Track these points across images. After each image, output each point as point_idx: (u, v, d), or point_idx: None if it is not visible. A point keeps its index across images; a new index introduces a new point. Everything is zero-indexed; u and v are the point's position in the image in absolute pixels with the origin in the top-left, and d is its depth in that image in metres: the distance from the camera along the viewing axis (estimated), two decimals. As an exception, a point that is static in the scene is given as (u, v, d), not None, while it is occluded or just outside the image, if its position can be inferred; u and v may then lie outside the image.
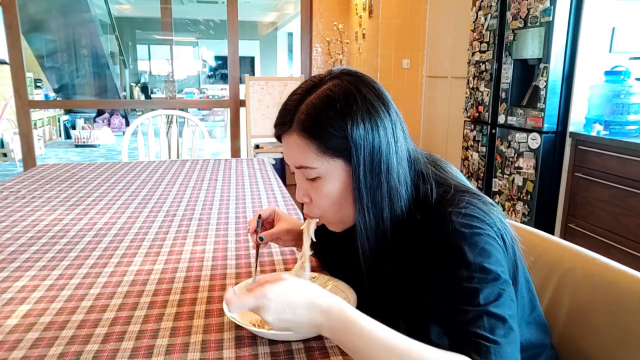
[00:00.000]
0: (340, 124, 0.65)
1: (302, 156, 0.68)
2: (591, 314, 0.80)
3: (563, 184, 2.48)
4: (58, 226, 1.25)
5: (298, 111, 0.67)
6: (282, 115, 0.70)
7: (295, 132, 0.68)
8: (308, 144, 0.67)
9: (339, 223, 0.74)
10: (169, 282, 0.91)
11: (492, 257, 0.61)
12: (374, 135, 0.66)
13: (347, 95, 0.66)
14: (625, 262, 0.78)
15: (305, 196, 0.72)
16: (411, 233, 0.68)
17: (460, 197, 0.65)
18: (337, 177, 0.68)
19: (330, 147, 0.66)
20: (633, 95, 2.25)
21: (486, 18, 2.84)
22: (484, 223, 0.63)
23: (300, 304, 0.59)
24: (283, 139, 0.71)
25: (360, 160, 0.65)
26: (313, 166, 0.67)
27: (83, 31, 8.13)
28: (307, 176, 0.69)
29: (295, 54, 11.09)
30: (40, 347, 0.69)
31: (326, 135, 0.65)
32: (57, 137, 8.49)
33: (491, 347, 0.56)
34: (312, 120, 0.66)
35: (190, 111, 6.19)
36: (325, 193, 0.69)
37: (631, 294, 0.73)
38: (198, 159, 2.25)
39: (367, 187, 0.66)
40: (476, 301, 0.58)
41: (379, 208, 0.67)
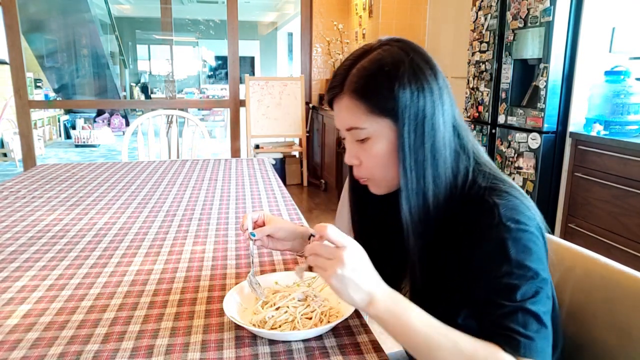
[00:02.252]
0: (388, 85, 0.68)
1: (353, 117, 0.71)
2: (591, 313, 0.80)
3: (563, 184, 2.48)
4: (58, 226, 1.25)
5: (349, 75, 0.71)
6: (333, 80, 0.73)
7: (346, 94, 0.71)
8: (358, 105, 0.70)
9: (384, 184, 0.75)
10: (169, 282, 0.91)
11: (534, 254, 0.63)
12: (420, 97, 0.68)
13: (396, 58, 0.69)
14: (625, 262, 0.78)
15: (354, 158, 0.74)
16: (452, 210, 0.69)
17: (503, 187, 0.67)
18: (385, 136, 0.70)
19: (379, 107, 0.69)
20: (633, 95, 2.25)
21: (486, 18, 2.84)
22: (527, 218, 0.64)
23: (371, 271, 0.64)
24: (335, 104, 0.74)
25: (405, 119, 0.68)
26: (363, 126, 0.70)
27: (83, 31, 8.13)
28: (356, 137, 0.72)
29: (295, 54, 11.08)
30: (40, 347, 0.69)
31: (375, 96, 0.68)
32: (57, 137, 8.49)
33: (522, 340, 0.59)
34: (362, 81, 0.69)
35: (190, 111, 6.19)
36: (374, 153, 0.71)
37: (631, 294, 0.73)
38: (198, 159, 2.25)
39: (410, 147, 0.68)
40: (513, 297, 0.61)
41: (422, 168, 0.69)
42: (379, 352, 0.68)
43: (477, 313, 0.65)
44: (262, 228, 0.90)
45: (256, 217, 0.92)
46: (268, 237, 0.90)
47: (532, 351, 0.59)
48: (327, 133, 4.65)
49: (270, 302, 0.79)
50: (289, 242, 0.92)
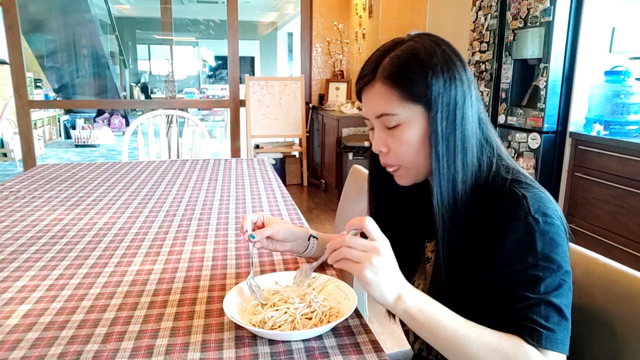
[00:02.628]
0: (422, 73, 0.70)
1: (385, 103, 0.72)
2: (590, 313, 0.79)
3: (563, 184, 2.48)
4: (58, 226, 1.25)
5: (382, 63, 0.72)
6: (364, 69, 0.75)
7: (379, 81, 0.72)
8: (391, 91, 0.71)
9: (413, 173, 0.76)
10: (169, 282, 0.91)
11: (559, 247, 0.64)
12: (451, 86, 0.71)
13: (429, 49, 0.71)
14: (625, 262, 0.78)
15: (383, 146, 0.75)
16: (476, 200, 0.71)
17: (526, 180, 0.69)
18: (417, 123, 0.72)
19: (412, 94, 0.70)
20: (633, 95, 2.25)
21: (486, 18, 2.84)
22: (552, 211, 0.66)
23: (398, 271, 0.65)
24: (364, 93, 0.76)
25: (438, 106, 0.70)
26: (395, 112, 0.72)
27: (83, 31, 8.13)
28: (387, 124, 0.73)
29: (295, 54, 11.07)
30: (40, 347, 0.69)
31: (409, 82, 0.70)
32: (57, 137, 8.49)
33: (544, 332, 0.61)
34: (396, 68, 0.71)
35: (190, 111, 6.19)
36: (405, 139, 0.72)
37: (631, 294, 0.73)
38: (198, 159, 2.25)
39: (442, 133, 0.70)
40: (537, 289, 0.62)
41: (452, 154, 0.71)
42: (379, 352, 0.68)
43: (499, 303, 0.66)
44: (262, 230, 0.90)
45: (255, 218, 0.92)
46: (268, 238, 0.91)
47: (553, 343, 0.61)
48: (327, 133, 4.65)
49: (270, 302, 0.79)
50: (289, 243, 0.92)
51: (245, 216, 0.90)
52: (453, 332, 0.62)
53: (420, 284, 0.83)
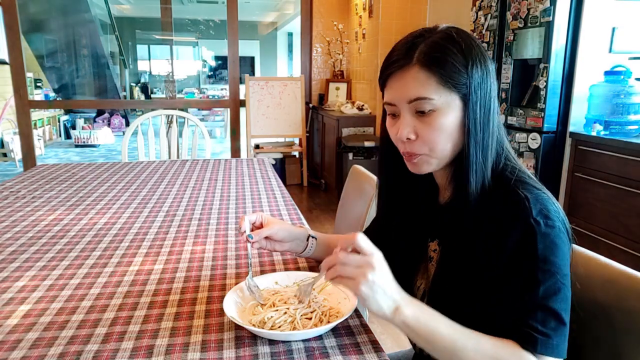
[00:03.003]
0: (462, 61, 0.70)
1: (421, 88, 0.70)
2: (590, 313, 0.79)
3: (563, 184, 2.48)
4: (58, 226, 1.25)
5: (419, 48, 0.71)
6: (398, 53, 0.73)
7: (416, 65, 0.70)
8: (429, 76, 0.70)
9: (436, 161, 0.75)
10: (169, 282, 0.91)
11: (560, 250, 0.64)
12: (486, 78, 0.72)
13: (466, 39, 0.71)
14: (625, 262, 0.78)
15: (412, 132, 0.73)
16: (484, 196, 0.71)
17: (530, 181, 0.69)
18: (452, 110, 0.71)
19: (452, 81, 0.69)
20: (633, 95, 2.25)
21: (486, 18, 2.84)
22: (554, 214, 0.65)
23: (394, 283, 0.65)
24: (393, 78, 0.73)
25: (477, 96, 0.70)
26: (432, 97, 0.70)
27: (83, 31, 8.12)
28: (420, 109, 0.71)
29: (295, 54, 11.07)
30: (40, 347, 0.69)
31: (450, 68, 0.69)
32: (57, 137, 8.49)
33: (539, 338, 0.61)
34: (437, 52, 0.70)
35: (190, 111, 6.19)
36: (438, 126, 0.71)
37: (631, 294, 0.73)
38: (198, 159, 2.25)
39: (479, 123, 0.71)
40: (535, 293, 0.62)
41: (487, 145, 0.71)
42: (379, 352, 0.68)
43: (498, 305, 0.66)
44: (260, 230, 0.89)
45: (254, 219, 0.91)
46: (266, 238, 0.90)
47: (547, 348, 0.61)
48: (327, 133, 4.65)
49: (269, 302, 0.79)
50: (288, 243, 0.92)
51: (244, 216, 0.89)
52: (451, 341, 0.62)
53: (422, 284, 0.83)
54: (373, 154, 3.99)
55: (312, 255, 0.97)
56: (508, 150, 0.75)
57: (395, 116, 0.75)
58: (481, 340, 0.62)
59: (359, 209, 1.39)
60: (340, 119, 4.24)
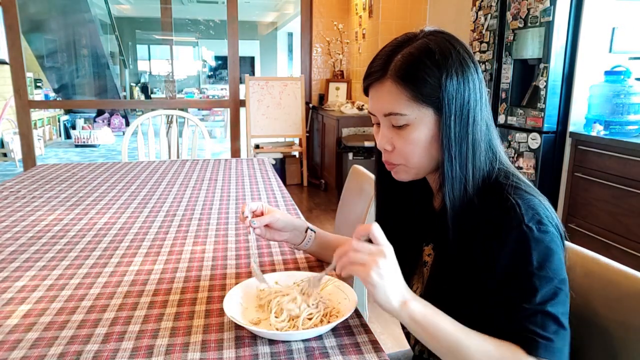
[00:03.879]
0: (435, 73, 0.68)
1: (394, 103, 0.70)
2: (591, 313, 0.79)
3: (563, 184, 2.48)
4: (58, 226, 1.25)
5: (394, 60, 0.70)
6: (374, 65, 0.73)
7: (389, 79, 0.70)
8: (402, 91, 0.69)
9: (414, 172, 0.75)
10: (169, 282, 0.91)
11: (555, 255, 0.64)
12: (465, 88, 0.69)
13: (443, 48, 0.69)
14: (625, 262, 0.78)
15: (388, 144, 0.74)
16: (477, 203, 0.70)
17: (523, 186, 0.69)
18: (425, 124, 0.70)
19: (424, 95, 0.69)
20: (633, 95, 2.25)
21: (486, 18, 2.84)
22: (547, 219, 0.65)
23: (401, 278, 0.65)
24: (372, 89, 0.74)
25: (451, 110, 0.69)
26: (404, 112, 0.70)
27: (83, 31, 8.12)
28: (394, 123, 0.72)
29: (295, 54, 11.07)
30: (40, 347, 0.69)
31: (421, 83, 0.68)
32: (57, 137, 8.49)
33: (541, 342, 0.61)
34: (409, 67, 0.69)
35: (190, 111, 6.19)
36: (412, 140, 0.71)
37: (631, 294, 0.73)
38: (198, 159, 2.25)
39: (455, 137, 0.70)
40: (533, 299, 0.62)
41: (464, 158, 0.70)
42: (379, 352, 0.68)
43: (497, 311, 0.66)
44: (261, 217, 0.90)
45: (255, 207, 0.92)
46: (266, 227, 0.91)
47: (550, 352, 0.61)
48: (327, 133, 4.65)
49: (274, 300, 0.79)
50: (287, 232, 0.94)
51: (246, 203, 0.90)
52: (455, 341, 0.62)
53: (418, 288, 0.83)
54: (373, 154, 3.99)
55: (310, 250, 0.98)
56: (501, 155, 0.75)
57: (378, 125, 0.76)
58: (485, 343, 0.62)
59: (359, 209, 1.39)
60: (340, 119, 4.24)
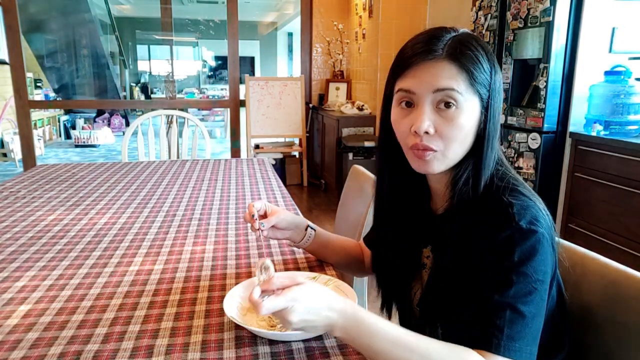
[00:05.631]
0: (488, 66, 0.70)
1: (452, 80, 0.68)
2: (591, 313, 0.79)
3: (563, 184, 2.48)
4: (58, 226, 1.25)
5: (450, 43, 0.69)
6: (422, 45, 0.70)
7: (446, 59, 0.68)
8: (460, 72, 0.68)
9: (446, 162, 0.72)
10: (169, 282, 0.91)
11: (538, 255, 0.63)
12: (500, 85, 0.73)
13: (484, 43, 0.72)
14: (625, 262, 0.78)
15: (431, 127, 0.69)
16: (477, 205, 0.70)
17: (519, 188, 0.69)
18: (471, 111, 0.70)
19: (478, 81, 0.69)
20: (633, 95, 2.25)
21: (486, 18, 2.84)
22: (538, 220, 0.65)
23: (322, 306, 0.62)
24: (421, 66, 0.69)
25: (496, 102, 0.71)
26: (461, 91, 0.68)
27: (83, 31, 8.12)
28: (446, 100, 0.68)
29: (295, 54, 11.07)
30: (40, 347, 0.69)
31: (478, 71, 0.69)
32: (57, 137, 8.49)
33: (503, 339, 0.60)
34: (467, 52, 0.69)
35: (190, 111, 6.19)
36: (459, 124, 0.69)
37: (631, 294, 0.73)
38: (198, 159, 2.25)
39: (495, 129, 0.72)
40: (506, 293, 0.62)
41: (495, 148, 0.72)
42: (379, 352, 0.68)
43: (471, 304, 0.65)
44: (269, 219, 0.90)
45: (259, 206, 0.92)
46: (271, 227, 0.91)
47: (510, 351, 0.60)
48: (327, 133, 4.65)
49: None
50: (289, 231, 0.94)
51: (252, 204, 0.90)
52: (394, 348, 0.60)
53: (417, 290, 0.82)
54: (373, 154, 3.99)
55: (309, 248, 0.98)
56: (500, 156, 0.75)
57: (409, 106, 0.71)
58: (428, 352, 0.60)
59: (359, 209, 1.39)
60: (340, 119, 4.24)
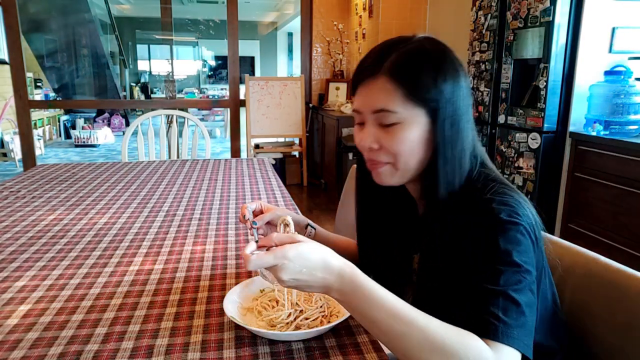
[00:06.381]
0: (432, 75, 0.68)
1: (386, 100, 0.69)
2: (591, 313, 0.80)
3: (563, 184, 2.48)
4: (58, 226, 1.25)
5: (389, 57, 0.70)
6: (367, 62, 0.72)
7: (383, 76, 0.69)
8: (396, 89, 0.69)
9: (398, 174, 0.73)
10: (169, 282, 0.91)
11: (521, 245, 0.63)
12: (457, 94, 0.70)
13: (439, 52, 0.71)
14: (625, 262, 0.78)
15: (374, 142, 0.72)
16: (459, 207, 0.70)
17: (500, 186, 0.69)
18: (416, 125, 0.70)
19: (417, 95, 0.68)
20: (633, 95, 2.25)
21: (486, 18, 2.84)
22: (520, 215, 0.65)
23: (316, 266, 0.61)
24: (362, 86, 0.72)
25: (445, 112, 0.69)
26: (395, 110, 0.69)
27: (83, 31, 8.12)
28: (383, 121, 0.70)
29: (295, 54, 11.08)
30: (40, 347, 0.69)
31: (417, 83, 0.68)
32: (57, 137, 8.49)
33: (500, 326, 0.58)
34: (405, 66, 0.69)
35: (190, 111, 6.19)
36: (401, 139, 0.70)
37: (631, 294, 0.73)
38: (198, 159, 2.25)
39: (448, 140, 0.70)
40: (496, 282, 0.61)
41: (455, 162, 0.71)
42: (379, 352, 0.68)
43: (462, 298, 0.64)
44: (262, 215, 0.90)
45: (254, 207, 0.92)
46: (267, 224, 0.91)
47: (509, 338, 0.58)
48: (327, 133, 4.64)
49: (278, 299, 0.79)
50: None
51: (245, 205, 0.90)
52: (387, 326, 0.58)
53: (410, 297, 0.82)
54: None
55: None
56: (483, 158, 0.75)
57: (362, 124, 0.74)
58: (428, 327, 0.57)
59: (359, 209, 1.39)
60: (340, 119, 4.24)
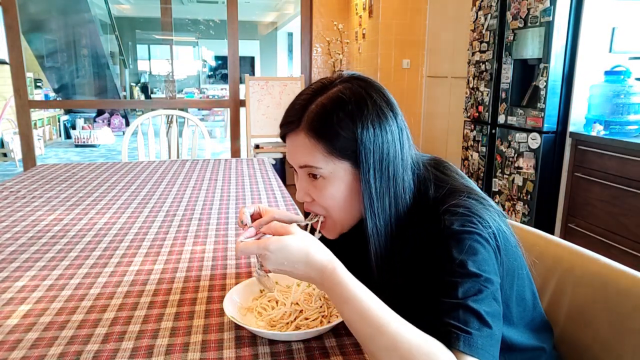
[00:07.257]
0: (350, 126, 0.66)
1: (309, 156, 0.68)
2: (591, 313, 0.80)
3: (563, 184, 2.48)
4: (58, 226, 1.25)
5: (307, 111, 0.68)
6: (289, 114, 0.70)
7: (303, 131, 0.68)
8: (315, 145, 0.67)
9: (338, 226, 0.74)
10: (169, 282, 0.91)
11: (478, 254, 0.61)
12: (383, 140, 0.67)
13: (358, 98, 0.67)
14: (625, 262, 0.78)
15: (306, 196, 0.73)
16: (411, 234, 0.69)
17: (456, 197, 0.66)
18: (342, 179, 0.68)
19: (338, 149, 0.66)
20: (633, 95, 2.25)
21: (486, 18, 2.84)
22: (474, 223, 0.63)
23: (298, 260, 0.61)
24: (288, 139, 0.72)
25: (370, 164, 0.66)
26: (318, 166, 0.68)
27: (83, 31, 8.12)
28: (312, 174, 0.70)
29: (295, 54, 11.08)
30: (40, 347, 0.69)
31: (335, 137, 0.66)
32: (57, 137, 8.49)
33: (461, 335, 0.56)
34: (322, 120, 0.66)
35: (190, 111, 6.19)
36: (329, 194, 0.69)
37: (631, 294, 0.73)
38: (198, 159, 2.25)
39: (376, 191, 0.67)
40: (454, 294, 0.59)
41: (387, 212, 0.68)
42: (379, 352, 0.68)
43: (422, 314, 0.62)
44: (260, 220, 0.89)
45: (252, 210, 0.91)
46: None
47: (472, 347, 0.56)
48: (327, 133, 4.65)
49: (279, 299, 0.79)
50: None
51: (243, 208, 0.90)
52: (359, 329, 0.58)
53: None
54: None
55: None
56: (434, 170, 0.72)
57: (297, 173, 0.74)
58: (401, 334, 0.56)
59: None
60: (340, 119, 4.24)
